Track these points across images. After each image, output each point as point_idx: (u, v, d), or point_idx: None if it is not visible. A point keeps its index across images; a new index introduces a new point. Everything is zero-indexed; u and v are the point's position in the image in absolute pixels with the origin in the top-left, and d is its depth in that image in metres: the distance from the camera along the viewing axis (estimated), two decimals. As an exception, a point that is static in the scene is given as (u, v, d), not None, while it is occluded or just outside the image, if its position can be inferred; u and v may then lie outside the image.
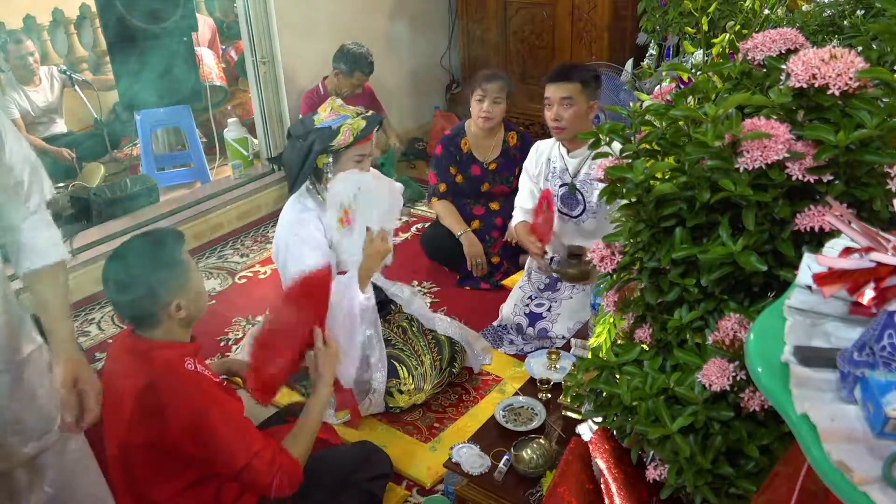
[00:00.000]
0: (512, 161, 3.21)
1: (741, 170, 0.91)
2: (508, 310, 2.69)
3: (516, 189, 2.92)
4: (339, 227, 2.14)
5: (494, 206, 3.27)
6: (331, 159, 2.13)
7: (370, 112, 2.17)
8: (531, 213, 2.68)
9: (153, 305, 1.49)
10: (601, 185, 2.58)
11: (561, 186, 2.64)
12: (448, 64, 4.87)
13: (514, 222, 2.81)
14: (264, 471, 1.48)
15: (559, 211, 2.69)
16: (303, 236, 2.12)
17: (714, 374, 0.91)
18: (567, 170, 2.61)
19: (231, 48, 4.94)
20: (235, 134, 4.10)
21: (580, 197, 2.61)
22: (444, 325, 2.51)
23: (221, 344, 2.79)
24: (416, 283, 3.20)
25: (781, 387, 0.64)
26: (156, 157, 4.08)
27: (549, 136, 2.67)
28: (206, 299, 1.62)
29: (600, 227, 2.66)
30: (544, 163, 2.66)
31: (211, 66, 4.41)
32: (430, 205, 3.24)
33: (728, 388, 0.90)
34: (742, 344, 0.91)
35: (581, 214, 2.64)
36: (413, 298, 2.45)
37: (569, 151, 2.59)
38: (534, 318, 2.62)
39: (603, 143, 1.15)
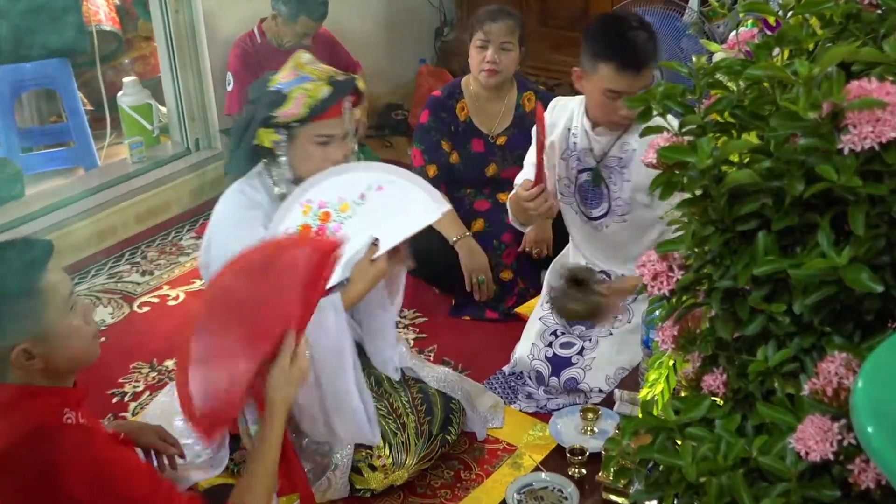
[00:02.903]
0: (529, 132, 3.23)
1: (846, 151, 0.93)
2: (524, 351, 2.71)
3: None
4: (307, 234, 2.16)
5: (504, 198, 3.28)
6: (284, 137, 2.16)
7: (346, 75, 2.21)
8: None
9: None
10: (638, 176, 2.63)
11: (581, 172, 2.66)
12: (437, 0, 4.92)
13: (511, 195, 2.81)
14: None
15: (577, 209, 2.71)
16: (245, 244, 2.13)
17: (812, 438, 0.93)
18: (591, 150, 2.63)
19: (127, -24, 4.96)
20: (134, 99, 4.11)
21: (605, 191, 2.63)
22: (436, 375, 2.52)
23: (114, 400, 2.79)
24: (393, 311, 3.21)
25: (901, 453, 0.66)
26: (20, 133, 4.08)
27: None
28: (89, 339, 1.62)
29: (631, 238, 2.65)
30: (562, 132, 2.68)
31: (98, 3, 4.42)
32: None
33: (832, 456, 0.92)
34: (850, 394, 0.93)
35: (604, 216, 2.67)
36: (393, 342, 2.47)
37: (594, 126, 2.61)
38: (559, 364, 2.64)
39: (656, 112, 1.17)
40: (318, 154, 2.18)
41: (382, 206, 2.17)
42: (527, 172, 2.81)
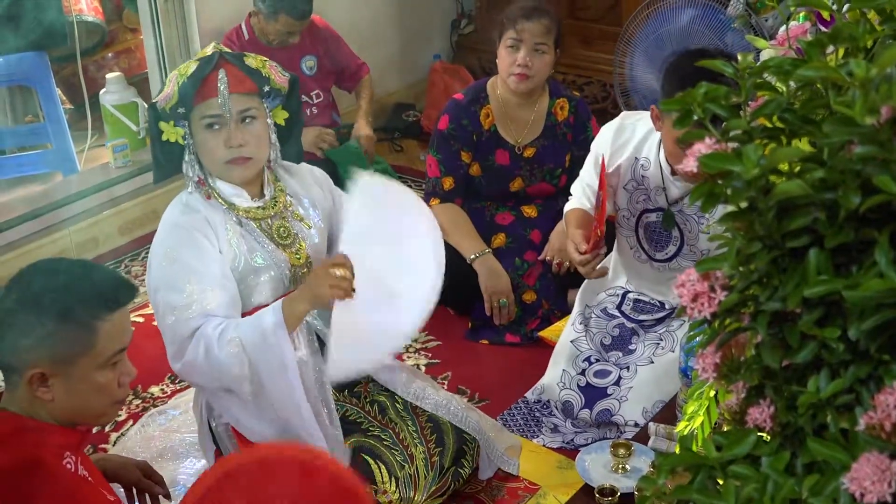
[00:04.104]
0: (561, 144, 3.25)
1: (908, 161, 0.94)
2: (553, 377, 2.72)
3: (565, 189, 2.95)
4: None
5: (530, 211, 3.30)
6: (186, 129, 2.24)
7: (219, 49, 2.26)
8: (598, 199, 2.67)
9: (9, 355, 1.55)
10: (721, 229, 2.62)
11: (648, 212, 2.66)
12: (455, -12, 4.95)
13: (568, 206, 2.84)
14: None
15: (635, 243, 2.72)
16: (173, 250, 2.22)
17: (869, 478, 0.93)
18: (664, 190, 2.62)
19: (112, -38, 5.01)
20: (118, 98, 4.14)
21: (678, 233, 2.63)
22: (437, 400, 2.52)
23: (94, 430, 2.80)
24: (402, 334, 3.22)
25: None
26: (-8, 134, 4.13)
27: (617, 106, 2.70)
28: (108, 403, 1.67)
29: None
30: (629, 158, 2.65)
31: (80, -9, 4.47)
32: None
33: (889, 499, 0.92)
34: (912, 430, 0.93)
35: (672, 258, 2.67)
36: (398, 371, 2.49)
37: (673, 171, 2.55)
38: (593, 395, 2.64)
39: (696, 116, 1.18)
40: (211, 141, 2.23)
41: (412, 254, 2.32)
42: (589, 175, 2.79)
